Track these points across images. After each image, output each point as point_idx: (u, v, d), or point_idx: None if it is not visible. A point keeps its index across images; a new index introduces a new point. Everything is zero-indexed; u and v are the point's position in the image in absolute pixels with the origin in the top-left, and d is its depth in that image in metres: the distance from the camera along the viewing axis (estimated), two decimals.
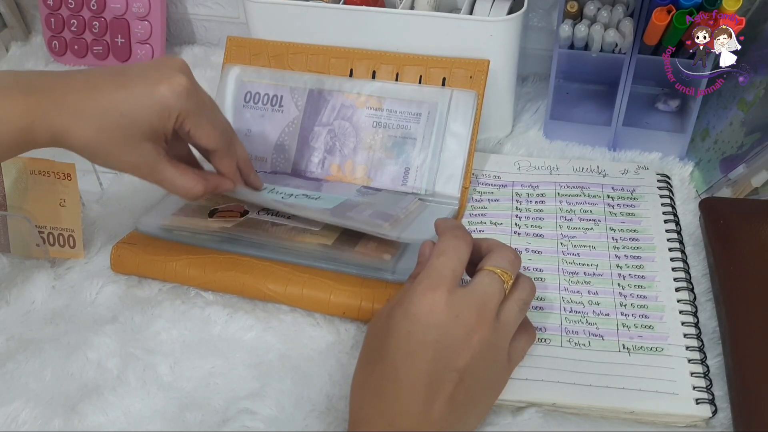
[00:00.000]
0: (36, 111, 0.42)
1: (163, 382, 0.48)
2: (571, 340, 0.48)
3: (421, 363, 0.38)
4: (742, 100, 0.57)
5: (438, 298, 0.39)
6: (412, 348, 0.38)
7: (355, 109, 0.60)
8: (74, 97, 0.43)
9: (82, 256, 0.56)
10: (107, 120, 0.43)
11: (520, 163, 0.63)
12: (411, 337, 0.38)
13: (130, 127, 0.44)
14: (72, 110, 0.43)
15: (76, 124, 0.43)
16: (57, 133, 0.43)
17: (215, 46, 0.82)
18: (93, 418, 0.46)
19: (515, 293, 0.42)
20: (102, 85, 0.44)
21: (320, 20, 0.62)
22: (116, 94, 0.44)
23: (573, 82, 0.69)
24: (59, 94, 0.43)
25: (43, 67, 0.81)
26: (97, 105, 0.43)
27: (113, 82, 0.44)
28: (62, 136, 0.43)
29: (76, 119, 0.43)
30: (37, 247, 0.56)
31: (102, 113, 0.43)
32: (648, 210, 0.57)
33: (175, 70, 0.46)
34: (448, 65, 0.60)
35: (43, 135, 0.43)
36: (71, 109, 0.43)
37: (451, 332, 0.39)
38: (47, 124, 0.43)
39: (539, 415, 0.45)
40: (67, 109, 0.43)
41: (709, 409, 0.44)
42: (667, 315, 0.49)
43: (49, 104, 0.43)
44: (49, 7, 0.79)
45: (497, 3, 0.61)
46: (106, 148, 0.44)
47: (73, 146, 0.44)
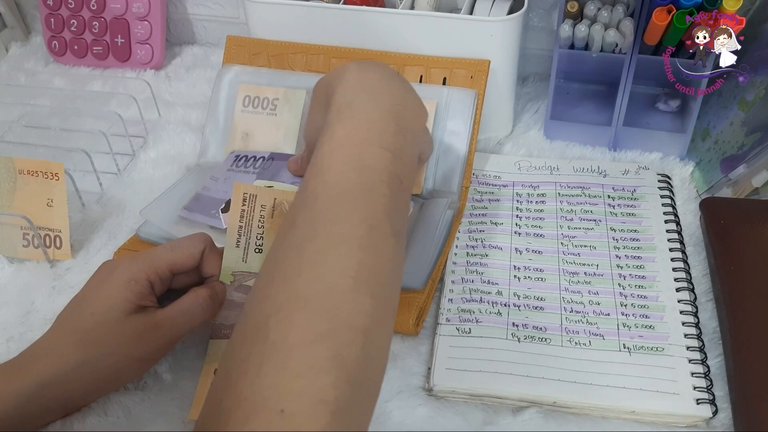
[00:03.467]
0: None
1: (163, 382, 0.48)
2: (571, 339, 0.48)
3: None
4: (743, 100, 0.57)
5: None
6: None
7: None
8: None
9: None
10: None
11: (521, 163, 0.63)
12: None
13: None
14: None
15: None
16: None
17: (215, 46, 0.82)
18: (93, 418, 0.45)
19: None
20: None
21: (320, 20, 0.62)
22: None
23: (573, 82, 0.69)
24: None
25: (42, 67, 0.81)
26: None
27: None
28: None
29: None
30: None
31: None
32: (648, 210, 0.57)
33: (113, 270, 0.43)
34: (448, 65, 0.59)
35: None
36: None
37: None
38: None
39: (540, 414, 0.45)
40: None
41: (709, 410, 0.44)
42: (667, 315, 0.49)
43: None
44: (49, 7, 0.79)
45: (497, 3, 0.61)
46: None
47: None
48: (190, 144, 0.68)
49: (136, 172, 0.66)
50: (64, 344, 0.40)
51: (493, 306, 0.50)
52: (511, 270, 0.53)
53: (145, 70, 0.79)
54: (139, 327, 0.41)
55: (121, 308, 0.40)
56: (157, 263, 0.43)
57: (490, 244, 0.55)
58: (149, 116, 0.70)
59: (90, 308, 0.41)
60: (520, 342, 0.48)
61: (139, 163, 0.66)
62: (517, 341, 0.48)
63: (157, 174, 0.65)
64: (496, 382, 0.46)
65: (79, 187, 0.60)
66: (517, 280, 0.52)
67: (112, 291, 0.41)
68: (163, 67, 0.79)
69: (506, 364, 0.47)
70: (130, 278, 0.41)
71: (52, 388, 0.39)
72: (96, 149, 0.63)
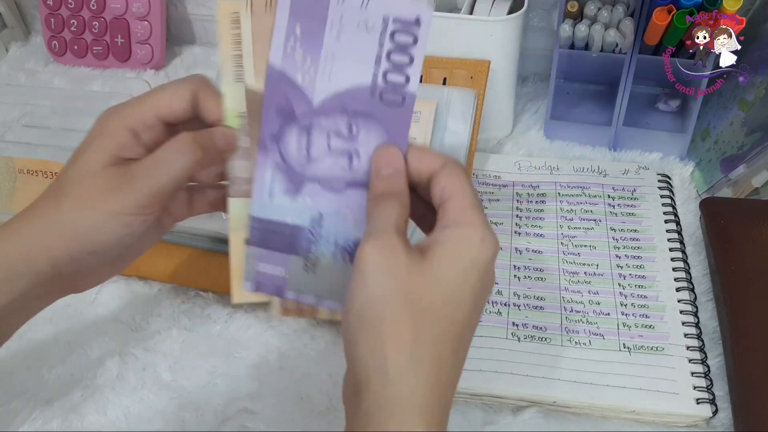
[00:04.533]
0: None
1: (163, 382, 0.48)
2: (571, 339, 0.48)
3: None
4: (743, 100, 0.57)
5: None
6: (472, 307, 0.32)
7: None
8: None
9: None
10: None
11: (521, 163, 0.63)
12: (474, 294, 0.32)
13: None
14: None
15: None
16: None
17: (215, 46, 0.82)
18: (92, 418, 0.46)
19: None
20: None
21: None
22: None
23: (573, 82, 0.69)
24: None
25: (42, 67, 0.81)
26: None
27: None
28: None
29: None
30: None
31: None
32: (648, 210, 0.57)
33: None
34: (448, 65, 0.59)
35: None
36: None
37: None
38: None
39: (540, 414, 0.45)
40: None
41: (709, 409, 0.44)
42: (667, 315, 0.49)
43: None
44: (49, 7, 0.79)
45: (497, 3, 0.61)
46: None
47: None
48: None
49: None
50: (44, 200, 0.37)
51: (493, 305, 0.50)
52: (511, 270, 0.53)
53: (145, 70, 0.79)
54: (112, 178, 0.36)
55: (96, 159, 0.37)
56: (138, 109, 0.37)
57: None
58: None
59: (70, 160, 0.37)
60: (520, 341, 0.48)
61: None
62: (517, 341, 0.48)
63: None
64: (496, 381, 0.46)
65: None
66: (517, 280, 0.52)
67: (90, 141, 0.38)
68: (164, 67, 0.79)
69: (506, 363, 0.47)
70: (110, 128, 0.37)
71: (33, 245, 0.35)
72: None
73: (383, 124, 0.33)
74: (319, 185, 0.35)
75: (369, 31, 0.32)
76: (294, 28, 0.33)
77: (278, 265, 0.36)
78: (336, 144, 0.34)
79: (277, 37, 0.33)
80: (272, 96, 0.34)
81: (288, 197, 0.35)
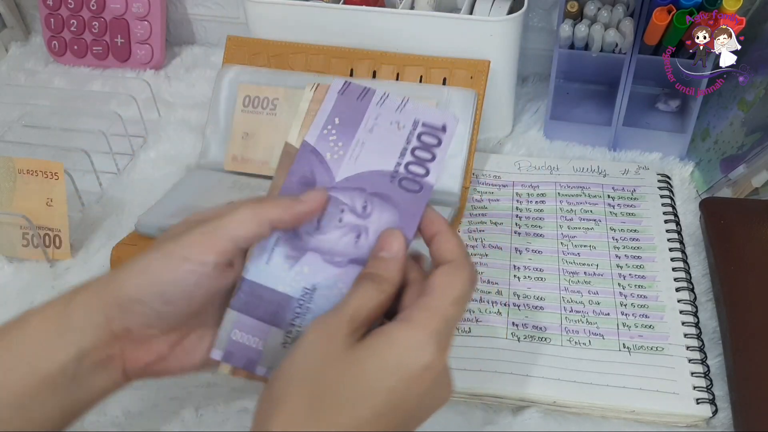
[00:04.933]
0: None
1: (163, 381, 0.48)
2: (571, 339, 0.48)
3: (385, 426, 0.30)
4: (743, 100, 0.57)
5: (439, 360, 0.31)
6: (384, 410, 0.30)
7: None
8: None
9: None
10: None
11: (521, 163, 0.63)
12: (390, 397, 0.30)
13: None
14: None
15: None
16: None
17: (215, 46, 0.82)
18: (92, 417, 0.45)
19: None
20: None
21: (320, 20, 0.62)
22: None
23: (573, 82, 0.69)
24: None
25: (42, 67, 0.81)
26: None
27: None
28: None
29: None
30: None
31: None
32: (648, 210, 0.57)
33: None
34: (448, 65, 0.59)
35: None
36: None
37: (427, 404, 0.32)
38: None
39: (540, 414, 0.45)
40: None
41: (709, 409, 0.44)
42: (667, 315, 0.49)
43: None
44: (49, 8, 0.79)
45: (497, 3, 0.61)
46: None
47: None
48: (189, 144, 0.68)
49: (135, 171, 0.66)
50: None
51: (492, 305, 0.50)
52: (511, 270, 0.53)
53: (145, 70, 0.79)
54: (187, 227, 0.35)
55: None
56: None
57: (489, 244, 0.55)
58: (149, 116, 0.70)
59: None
60: (520, 342, 0.48)
61: (138, 163, 0.66)
62: (517, 341, 0.48)
63: (156, 174, 0.65)
64: (496, 381, 0.46)
65: (78, 187, 0.60)
66: (516, 280, 0.52)
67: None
68: (163, 67, 0.79)
69: (506, 363, 0.46)
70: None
71: (92, 297, 0.34)
72: (96, 149, 0.63)
73: (397, 208, 0.35)
74: (321, 257, 0.35)
75: (400, 129, 0.36)
76: (334, 118, 0.36)
77: (256, 335, 0.35)
78: (348, 218, 0.35)
79: (317, 122, 0.36)
80: (300, 166, 0.36)
81: (286, 264, 0.35)
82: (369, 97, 0.37)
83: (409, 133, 0.36)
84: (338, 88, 0.37)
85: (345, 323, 0.31)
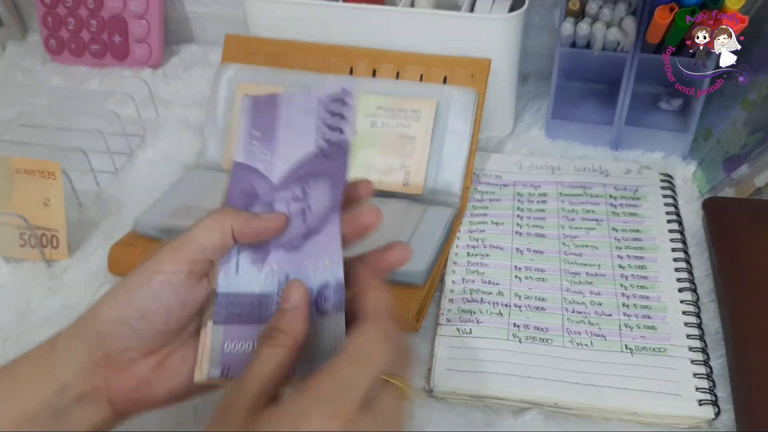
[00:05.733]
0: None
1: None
2: (573, 340, 0.48)
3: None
4: (745, 100, 0.56)
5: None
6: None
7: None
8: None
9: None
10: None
11: (522, 162, 0.62)
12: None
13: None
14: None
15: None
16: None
17: (214, 45, 0.81)
18: None
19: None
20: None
21: (320, 18, 0.61)
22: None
23: (575, 80, 0.69)
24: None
25: (40, 65, 0.81)
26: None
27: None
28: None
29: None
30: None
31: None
32: (651, 210, 0.56)
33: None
34: (448, 64, 0.59)
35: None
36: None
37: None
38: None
39: (541, 416, 0.44)
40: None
41: (712, 411, 0.43)
42: (669, 315, 0.49)
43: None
44: (46, 6, 0.79)
45: (498, 1, 0.61)
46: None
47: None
48: (188, 143, 0.68)
49: (133, 171, 0.65)
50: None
51: (494, 306, 0.50)
52: (512, 270, 0.53)
53: (143, 69, 0.78)
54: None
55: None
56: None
57: (491, 244, 0.55)
58: (147, 115, 0.70)
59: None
60: (521, 343, 0.48)
61: (136, 162, 0.66)
62: (518, 342, 0.48)
63: (154, 173, 0.65)
64: (497, 383, 0.45)
65: (76, 187, 0.59)
66: (518, 281, 0.52)
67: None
68: (161, 66, 0.79)
69: (507, 365, 0.46)
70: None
71: (88, 313, 0.35)
72: (93, 148, 0.63)
73: (326, 174, 0.37)
74: (283, 249, 0.37)
75: (309, 112, 0.39)
76: (253, 131, 0.39)
77: (246, 338, 0.36)
78: (293, 206, 0.37)
79: (240, 139, 0.39)
80: (237, 183, 0.38)
81: (255, 267, 0.36)
82: (275, 100, 0.39)
83: (318, 111, 0.38)
84: (248, 105, 0.39)
85: (242, 403, 0.30)
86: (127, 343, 0.35)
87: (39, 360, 0.34)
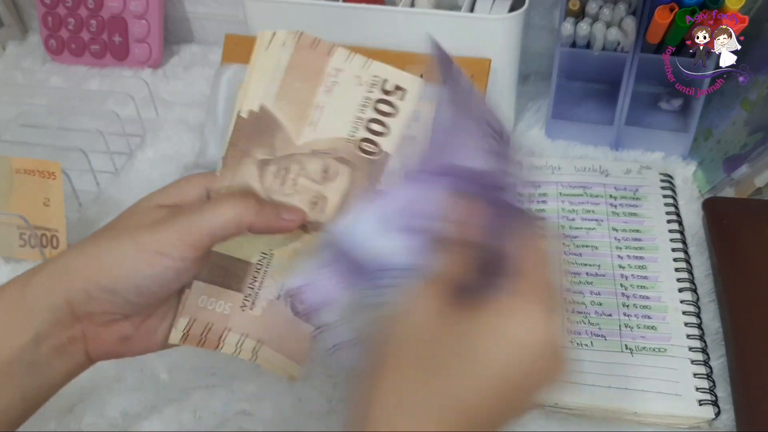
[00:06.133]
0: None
1: (161, 383, 0.47)
2: (573, 340, 0.48)
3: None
4: (746, 100, 0.56)
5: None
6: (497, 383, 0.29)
7: None
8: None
9: None
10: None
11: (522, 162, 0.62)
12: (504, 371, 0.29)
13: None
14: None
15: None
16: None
17: (214, 45, 0.81)
18: (89, 419, 0.45)
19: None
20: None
21: (319, 18, 0.61)
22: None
23: (575, 80, 0.69)
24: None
25: (40, 66, 0.81)
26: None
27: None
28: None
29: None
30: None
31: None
32: (651, 210, 0.56)
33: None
34: None
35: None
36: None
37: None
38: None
39: (541, 416, 0.44)
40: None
41: (712, 411, 0.43)
42: (669, 315, 0.49)
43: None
44: (46, 6, 0.78)
45: (498, 1, 0.61)
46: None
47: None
48: (188, 143, 0.68)
49: (133, 171, 0.65)
50: (92, 235, 0.36)
51: None
52: None
53: (143, 69, 0.78)
54: (158, 215, 0.35)
55: (154, 199, 0.38)
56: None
57: None
58: (147, 115, 0.70)
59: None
60: None
61: (136, 163, 0.66)
62: None
63: (154, 173, 0.65)
64: None
65: (76, 187, 0.59)
66: None
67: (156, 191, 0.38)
68: (161, 66, 0.79)
69: None
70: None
71: (56, 277, 0.33)
72: (93, 148, 0.63)
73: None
74: (397, 227, 0.33)
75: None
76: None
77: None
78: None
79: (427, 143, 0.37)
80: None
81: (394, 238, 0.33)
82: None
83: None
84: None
85: (442, 290, 0.30)
86: (116, 309, 0.34)
87: (10, 306, 0.33)
